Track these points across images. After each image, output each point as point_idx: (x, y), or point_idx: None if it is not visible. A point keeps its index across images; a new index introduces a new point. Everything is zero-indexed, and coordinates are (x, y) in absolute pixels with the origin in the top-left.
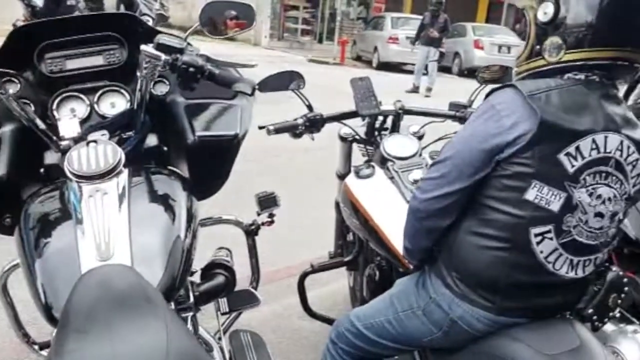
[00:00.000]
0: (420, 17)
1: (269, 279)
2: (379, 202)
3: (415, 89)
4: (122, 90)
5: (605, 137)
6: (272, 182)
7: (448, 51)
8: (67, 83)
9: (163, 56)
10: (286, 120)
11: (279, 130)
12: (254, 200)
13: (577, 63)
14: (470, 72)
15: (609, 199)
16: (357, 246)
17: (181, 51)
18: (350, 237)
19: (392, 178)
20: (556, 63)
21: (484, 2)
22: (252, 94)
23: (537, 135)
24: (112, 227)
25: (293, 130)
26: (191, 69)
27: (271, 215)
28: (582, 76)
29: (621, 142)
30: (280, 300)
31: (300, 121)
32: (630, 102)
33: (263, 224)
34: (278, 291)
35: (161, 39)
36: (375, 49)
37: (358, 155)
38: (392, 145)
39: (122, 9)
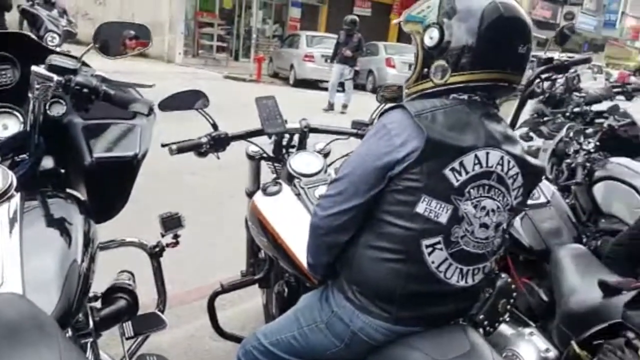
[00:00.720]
0: (335, 36)
1: (180, 300)
2: (286, 218)
3: (330, 107)
4: (15, 112)
5: (487, 152)
6: (185, 201)
7: (362, 69)
8: None
9: (55, 77)
10: (190, 139)
11: (181, 150)
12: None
13: (461, 85)
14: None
15: (493, 210)
16: (267, 264)
17: (74, 72)
18: (261, 254)
19: (298, 195)
20: (442, 85)
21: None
22: (148, 114)
23: (424, 152)
24: (1, 253)
25: (197, 149)
26: (85, 90)
27: (176, 236)
28: (465, 96)
29: (502, 157)
30: (193, 321)
31: (204, 140)
32: (527, 116)
33: (168, 245)
34: (190, 313)
35: (53, 59)
36: (292, 66)
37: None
38: (298, 162)
39: (26, 25)
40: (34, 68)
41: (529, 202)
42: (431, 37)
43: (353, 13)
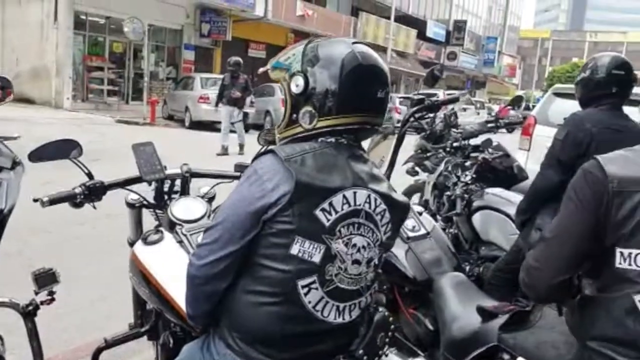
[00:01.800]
0: None
1: (67, 359)
2: (168, 268)
3: (225, 151)
4: None
5: (354, 192)
6: (74, 253)
7: (259, 109)
8: None
9: None
10: (63, 190)
11: (54, 202)
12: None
13: (329, 129)
14: None
15: (364, 247)
16: (154, 315)
17: None
18: (148, 305)
19: (180, 242)
20: (311, 130)
21: None
22: (12, 168)
23: (294, 195)
24: None
25: (70, 200)
26: None
27: (51, 293)
28: (332, 139)
29: (369, 196)
30: None
31: (78, 190)
32: (412, 152)
33: (42, 303)
34: None
35: None
36: (187, 108)
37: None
38: (179, 208)
39: None
40: None
41: (411, 234)
42: (297, 85)
43: (247, 55)
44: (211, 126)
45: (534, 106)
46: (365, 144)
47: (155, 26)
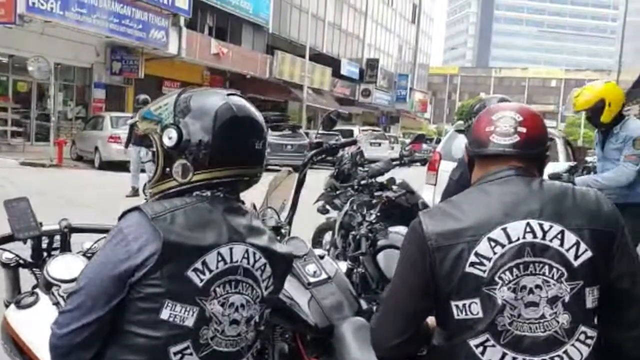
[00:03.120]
0: None
1: None
2: (42, 333)
3: (135, 192)
4: None
5: (231, 248)
6: None
7: None
8: None
9: None
10: None
11: None
12: None
13: (204, 182)
14: None
15: (242, 305)
16: None
17: None
18: None
19: (57, 304)
20: (187, 184)
21: None
22: None
23: (162, 255)
24: None
25: None
26: None
27: None
28: (208, 193)
29: (246, 251)
30: None
31: None
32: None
33: None
34: None
35: None
36: (97, 148)
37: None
38: (56, 267)
39: None
40: None
41: (312, 280)
42: (170, 137)
43: (162, 93)
44: (122, 166)
45: None
46: (249, 193)
47: (63, 65)
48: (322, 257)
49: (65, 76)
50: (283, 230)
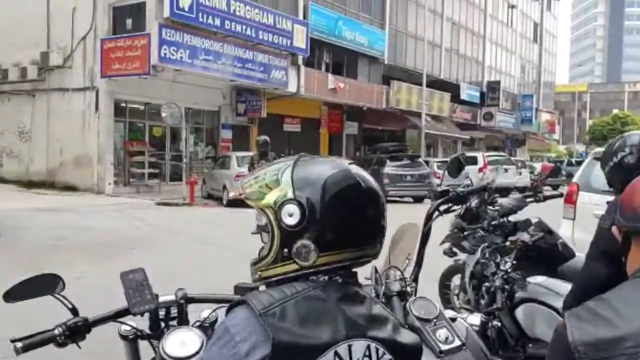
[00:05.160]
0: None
1: None
2: None
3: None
4: None
5: (349, 345)
6: None
7: None
8: None
9: None
10: (40, 332)
11: (29, 347)
12: None
13: (329, 266)
14: None
15: None
16: None
17: None
18: None
19: None
20: (309, 267)
21: (325, 135)
22: None
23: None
24: None
25: (49, 343)
26: None
27: None
28: (325, 278)
29: (368, 347)
30: None
31: (57, 331)
32: (448, 231)
33: None
34: None
35: None
36: (224, 186)
37: None
38: (172, 343)
39: None
40: None
41: (444, 347)
42: (291, 214)
43: (283, 130)
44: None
45: (577, 162)
46: None
47: (193, 109)
48: (453, 320)
49: (195, 119)
50: (409, 289)
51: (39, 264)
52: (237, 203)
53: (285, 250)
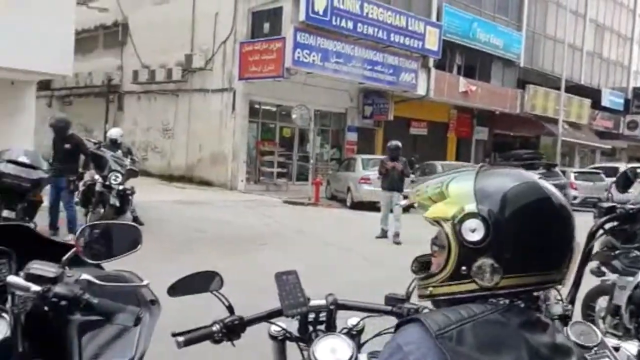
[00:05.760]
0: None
1: None
2: None
3: (384, 234)
4: (4, 314)
5: None
6: None
7: None
8: None
9: (33, 287)
10: (199, 328)
11: (190, 342)
12: None
13: (511, 290)
14: None
15: None
16: None
17: (55, 280)
18: None
19: None
20: (491, 289)
21: (453, 139)
22: (136, 325)
23: None
24: None
25: (207, 339)
26: (63, 302)
27: None
28: (506, 301)
29: None
30: None
31: (215, 328)
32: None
33: None
34: None
35: (32, 267)
36: (349, 189)
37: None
38: (323, 349)
39: (92, 167)
40: (9, 279)
41: None
42: (473, 230)
43: (409, 134)
44: (372, 206)
45: None
46: None
47: (321, 111)
48: (617, 349)
49: (322, 121)
50: (567, 313)
51: (180, 255)
52: (361, 205)
53: (464, 268)
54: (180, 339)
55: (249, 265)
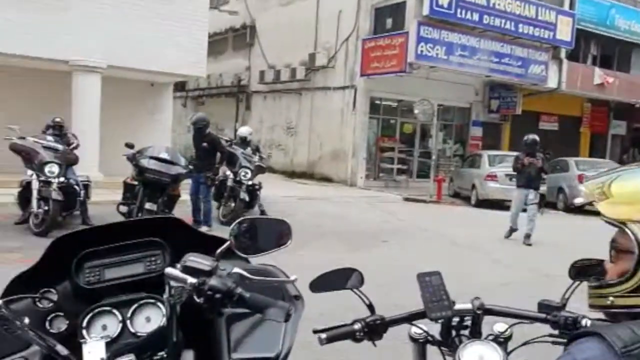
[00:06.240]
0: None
1: None
2: None
3: (511, 233)
4: (159, 303)
5: None
6: None
7: (551, 186)
8: (104, 294)
9: (189, 279)
10: (340, 325)
11: (332, 339)
12: None
13: None
14: (576, 208)
15: None
16: None
17: (210, 273)
18: None
19: None
20: None
21: (586, 134)
22: (286, 320)
23: None
24: None
25: (349, 337)
26: (217, 295)
27: None
28: None
29: None
30: None
31: (357, 326)
32: None
33: None
34: None
35: (188, 260)
36: (473, 186)
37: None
38: (470, 357)
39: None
40: (167, 270)
41: None
42: None
43: (538, 128)
44: (499, 204)
45: None
46: None
47: (444, 105)
48: None
49: (445, 116)
50: None
51: (303, 250)
52: (486, 203)
53: None
54: (323, 335)
55: (372, 262)
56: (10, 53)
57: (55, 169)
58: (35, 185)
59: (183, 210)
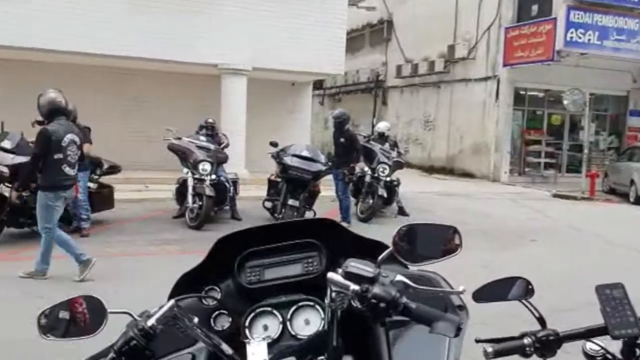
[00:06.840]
0: None
1: None
2: None
3: None
4: (317, 307)
5: None
6: None
7: None
8: (264, 294)
9: (352, 286)
10: (508, 338)
11: (500, 353)
12: None
13: None
14: None
15: None
16: None
17: (372, 280)
18: None
19: None
20: None
21: None
22: (456, 335)
23: None
24: None
25: (517, 352)
26: (381, 304)
27: None
28: None
29: None
30: None
31: (527, 341)
32: None
33: None
34: None
35: (350, 265)
36: (632, 181)
37: None
38: None
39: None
40: (329, 275)
41: None
42: None
43: None
44: None
45: None
46: None
47: (596, 95)
48: None
49: (597, 106)
50: None
51: None
52: None
53: None
54: (489, 349)
55: (521, 262)
56: (169, 59)
57: (208, 167)
58: (190, 182)
59: (325, 205)
